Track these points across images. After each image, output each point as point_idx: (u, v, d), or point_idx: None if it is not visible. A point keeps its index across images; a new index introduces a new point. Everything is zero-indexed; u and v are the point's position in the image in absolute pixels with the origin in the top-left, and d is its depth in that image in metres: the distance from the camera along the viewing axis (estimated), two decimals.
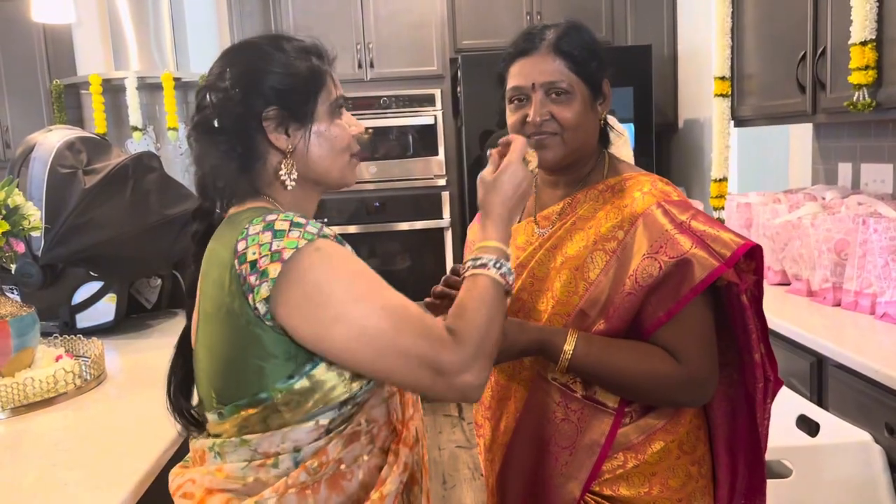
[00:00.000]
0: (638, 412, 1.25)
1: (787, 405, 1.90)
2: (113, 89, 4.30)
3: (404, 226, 4.24)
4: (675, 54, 4.31)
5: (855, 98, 2.10)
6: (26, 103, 4.36)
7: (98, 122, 4.18)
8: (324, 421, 1.01)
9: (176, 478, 1.07)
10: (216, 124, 1.05)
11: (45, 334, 1.93)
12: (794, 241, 2.35)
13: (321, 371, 0.99)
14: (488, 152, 1.21)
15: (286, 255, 0.95)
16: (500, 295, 1.04)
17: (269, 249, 0.95)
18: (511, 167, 1.14)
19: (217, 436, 1.05)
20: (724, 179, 3.11)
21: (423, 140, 4.24)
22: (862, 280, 2.08)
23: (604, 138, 1.36)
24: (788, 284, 2.44)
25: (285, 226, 0.97)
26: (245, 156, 1.06)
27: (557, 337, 1.20)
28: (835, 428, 1.80)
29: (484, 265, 1.05)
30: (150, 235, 2.14)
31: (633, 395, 1.24)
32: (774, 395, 1.30)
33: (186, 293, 1.13)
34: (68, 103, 4.34)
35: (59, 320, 2.16)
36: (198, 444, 1.08)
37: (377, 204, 4.25)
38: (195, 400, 1.14)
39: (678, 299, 1.17)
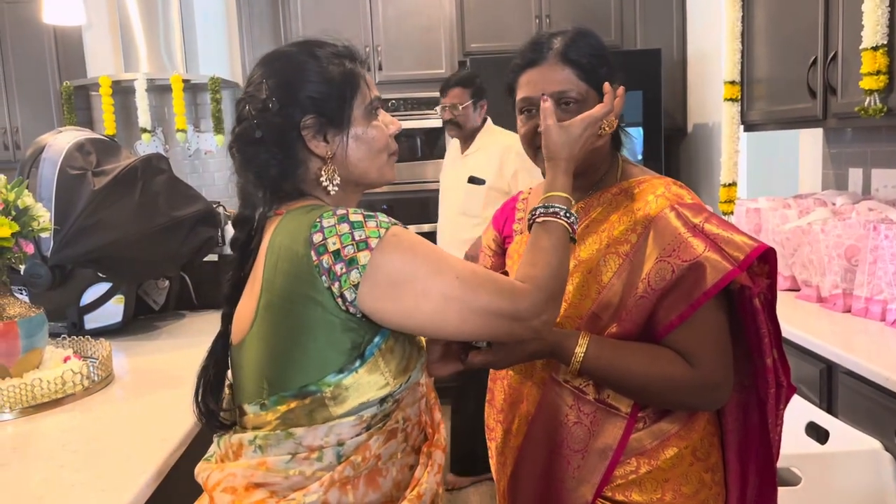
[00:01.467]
0: (651, 417, 1.24)
1: (796, 412, 1.89)
2: (122, 91, 4.31)
3: (412, 228, 4.22)
4: (685, 58, 4.30)
5: (866, 103, 2.09)
6: (36, 104, 4.39)
7: (107, 123, 4.20)
8: (367, 415, 1.04)
9: (213, 473, 1.07)
10: (257, 135, 1.09)
11: (54, 335, 1.93)
12: (804, 247, 2.34)
13: (368, 367, 1.03)
14: (543, 98, 1.22)
15: (373, 243, 1.00)
16: (568, 240, 1.12)
17: (353, 239, 1.00)
18: (589, 118, 1.19)
19: (257, 428, 1.07)
20: (734, 184, 3.10)
21: (432, 143, 4.24)
22: (872, 286, 2.07)
23: (616, 142, 1.35)
24: (798, 290, 2.43)
25: (360, 217, 1.02)
26: (286, 164, 1.10)
27: (569, 339, 1.20)
28: (844, 435, 1.79)
29: (556, 213, 1.12)
30: (158, 237, 2.14)
31: (645, 399, 1.23)
32: (787, 400, 1.28)
33: (226, 298, 1.14)
34: (78, 105, 4.36)
35: (68, 321, 2.17)
36: (234, 438, 1.08)
37: (385, 207, 4.25)
38: (224, 402, 1.15)
39: (691, 303, 1.16)
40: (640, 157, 3.96)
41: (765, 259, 1.19)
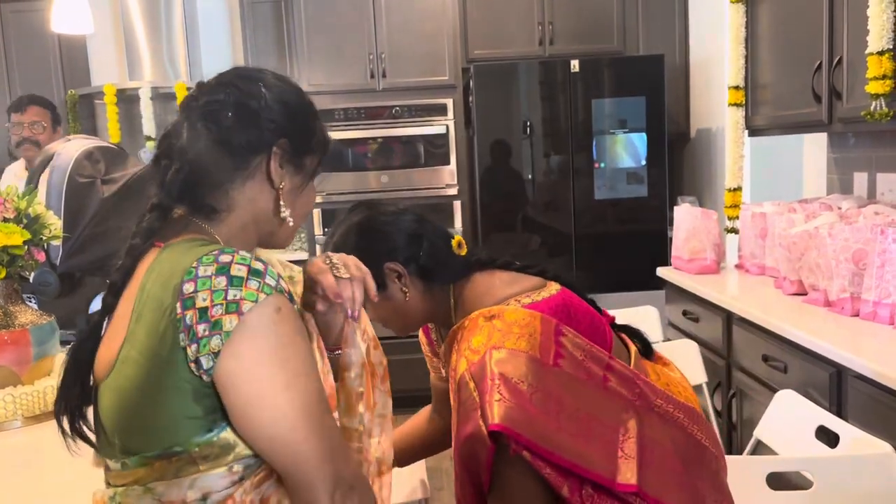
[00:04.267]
0: None
1: (805, 416, 1.89)
2: (127, 99, 4.32)
3: None
4: (687, 63, 4.31)
5: (872, 108, 2.10)
6: None
7: (112, 131, 4.21)
8: (238, 468, 0.93)
9: None
10: (229, 116, 1.00)
11: (63, 343, 1.93)
12: (811, 251, 2.34)
13: None
14: None
15: (244, 307, 0.88)
16: None
17: (225, 298, 0.87)
18: None
19: (123, 485, 0.97)
20: (739, 189, 3.10)
21: (435, 149, 4.25)
22: (881, 290, 2.07)
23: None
24: (805, 294, 2.43)
25: (243, 272, 0.89)
26: (234, 172, 1.00)
27: None
28: (855, 439, 1.78)
29: None
30: None
31: None
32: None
33: (92, 328, 1.03)
34: (82, 113, 4.38)
35: (77, 329, 2.17)
36: (98, 495, 1.00)
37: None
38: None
39: (484, 476, 1.18)
40: (643, 162, 3.97)
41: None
